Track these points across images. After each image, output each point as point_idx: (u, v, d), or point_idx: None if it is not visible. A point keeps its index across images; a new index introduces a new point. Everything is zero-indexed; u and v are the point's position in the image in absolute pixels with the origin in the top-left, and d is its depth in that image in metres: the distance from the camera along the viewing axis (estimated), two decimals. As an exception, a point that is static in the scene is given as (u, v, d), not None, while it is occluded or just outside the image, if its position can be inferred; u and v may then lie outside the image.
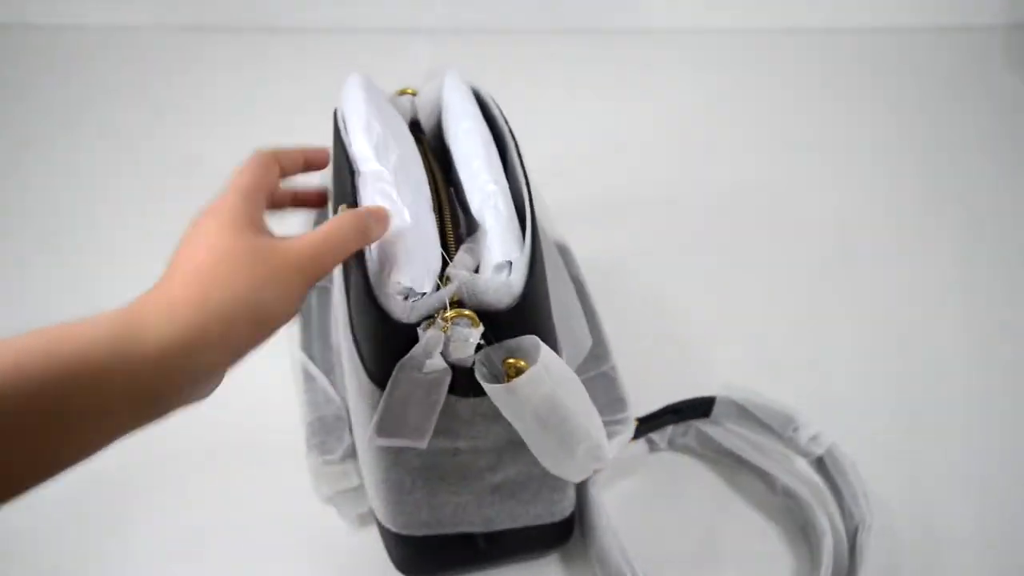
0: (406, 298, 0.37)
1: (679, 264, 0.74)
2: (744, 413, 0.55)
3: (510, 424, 0.40)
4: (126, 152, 0.87)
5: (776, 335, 0.68)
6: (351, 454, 0.51)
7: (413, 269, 0.37)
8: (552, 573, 0.53)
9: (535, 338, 0.38)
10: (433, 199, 0.43)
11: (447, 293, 0.37)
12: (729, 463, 0.58)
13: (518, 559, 0.52)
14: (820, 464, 0.54)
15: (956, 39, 1.06)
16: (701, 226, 0.79)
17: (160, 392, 0.30)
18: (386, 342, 0.38)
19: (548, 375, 0.37)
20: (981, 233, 0.78)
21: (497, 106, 0.50)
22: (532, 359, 0.38)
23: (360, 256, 0.39)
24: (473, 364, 0.38)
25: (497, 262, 0.38)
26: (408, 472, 0.44)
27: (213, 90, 0.97)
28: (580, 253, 0.64)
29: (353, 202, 0.42)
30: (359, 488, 0.51)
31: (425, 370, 0.37)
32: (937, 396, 0.63)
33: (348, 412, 0.53)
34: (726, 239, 0.78)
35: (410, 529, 0.47)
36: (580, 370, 0.54)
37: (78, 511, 0.55)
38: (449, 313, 0.36)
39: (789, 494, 0.54)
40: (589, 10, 1.06)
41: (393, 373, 0.37)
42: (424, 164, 0.46)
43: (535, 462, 0.42)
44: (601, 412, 0.42)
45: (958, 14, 1.07)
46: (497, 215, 0.41)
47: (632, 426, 0.52)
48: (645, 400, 0.56)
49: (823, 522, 0.51)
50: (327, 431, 0.53)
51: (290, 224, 0.64)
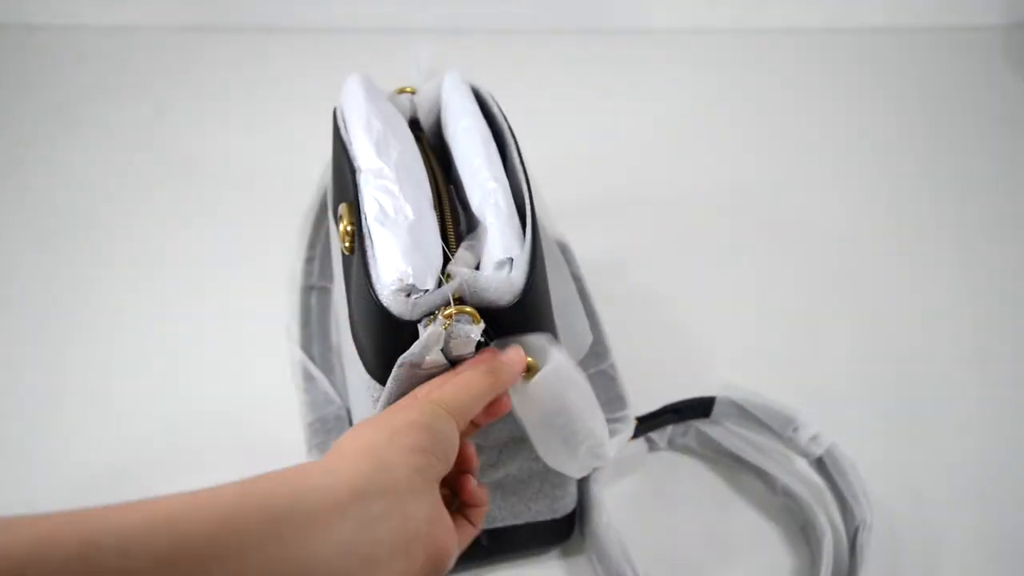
0: (408, 295, 0.37)
1: (679, 263, 0.74)
2: (744, 413, 0.55)
3: (511, 421, 0.40)
4: (126, 152, 0.87)
5: (776, 335, 0.68)
6: (351, 454, 0.51)
7: (415, 266, 0.37)
8: (553, 570, 0.53)
9: (547, 336, 0.38)
10: (433, 196, 0.43)
11: (449, 290, 0.37)
12: (729, 463, 0.58)
13: (520, 555, 0.52)
14: (820, 464, 0.54)
15: (956, 39, 1.06)
16: (701, 226, 0.79)
17: None
18: (387, 339, 0.38)
19: (558, 376, 0.37)
20: (981, 233, 0.78)
21: (496, 104, 0.50)
22: (542, 359, 0.38)
23: (362, 252, 0.39)
24: None
25: (498, 259, 0.38)
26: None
27: (213, 90, 0.97)
28: (580, 252, 0.64)
29: (354, 199, 0.42)
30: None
31: (425, 366, 0.37)
32: (937, 396, 0.63)
33: (348, 412, 0.53)
34: (726, 239, 0.78)
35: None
36: (580, 367, 0.54)
37: (78, 510, 0.55)
38: (450, 310, 0.36)
39: (789, 494, 0.54)
40: (589, 10, 1.06)
41: (393, 369, 0.37)
42: (424, 162, 0.46)
43: (536, 458, 0.42)
44: (602, 409, 0.42)
45: (958, 14, 1.07)
46: (497, 212, 0.41)
47: (632, 424, 0.52)
48: (645, 399, 0.56)
49: (823, 522, 0.51)
50: (327, 431, 0.53)
51: (290, 224, 0.64)
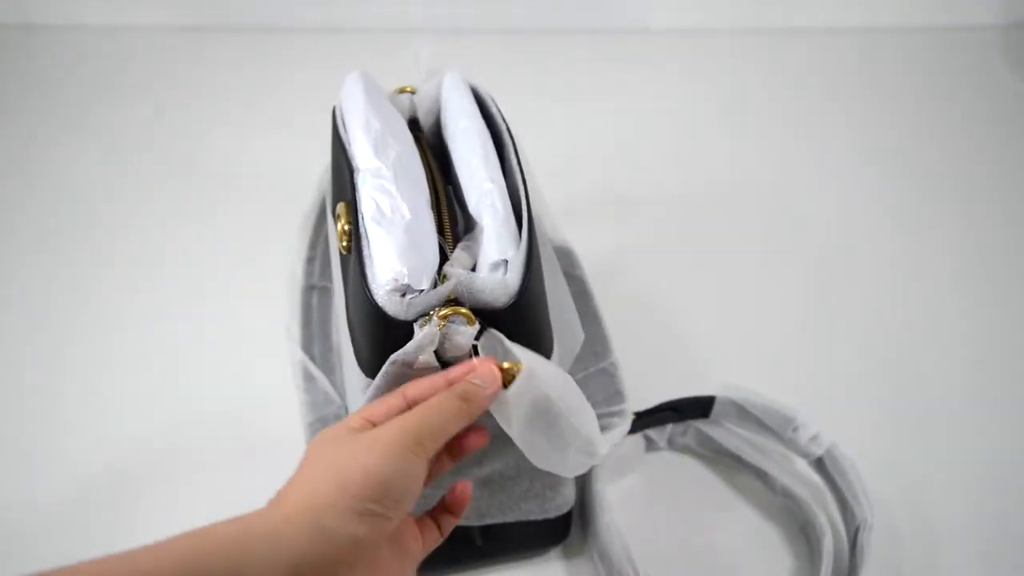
0: (403, 295, 0.37)
1: (679, 263, 0.74)
2: (744, 413, 0.55)
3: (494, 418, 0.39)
4: (126, 152, 0.87)
5: (776, 335, 0.68)
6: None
7: (410, 266, 0.37)
8: (553, 570, 0.53)
9: (517, 346, 0.38)
10: (432, 196, 0.43)
11: (445, 290, 0.37)
12: (728, 463, 0.58)
13: (516, 556, 0.52)
14: (820, 464, 0.54)
15: (956, 39, 1.06)
16: (701, 225, 0.79)
17: None
18: (381, 338, 0.38)
19: (535, 382, 0.37)
20: (981, 233, 0.78)
21: (495, 104, 0.50)
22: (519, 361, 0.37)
23: (358, 251, 0.39)
24: None
25: (493, 260, 0.38)
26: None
27: (213, 90, 0.97)
28: (580, 252, 0.64)
29: (352, 199, 0.42)
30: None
31: (417, 366, 0.37)
32: (937, 396, 0.63)
33: (348, 412, 0.53)
34: (726, 238, 0.78)
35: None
36: (580, 366, 0.53)
37: (78, 511, 0.55)
38: (445, 311, 0.36)
39: (789, 494, 0.54)
40: (589, 10, 1.06)
41: (384, 365, 0.37)
42: (423, 162, 0.46)
43: (523, 456, 0.42)
44: (599, 406, 0.42)
45: (958, 14, 1.07)
46: (494, 213, 0.40)
47: (629, 419, 0.51)
48: (645, 399, 0.56)
49: (823, 522, 0.51)
50: (327, 431, 0.52)
51: (290, 225, 0.64)
